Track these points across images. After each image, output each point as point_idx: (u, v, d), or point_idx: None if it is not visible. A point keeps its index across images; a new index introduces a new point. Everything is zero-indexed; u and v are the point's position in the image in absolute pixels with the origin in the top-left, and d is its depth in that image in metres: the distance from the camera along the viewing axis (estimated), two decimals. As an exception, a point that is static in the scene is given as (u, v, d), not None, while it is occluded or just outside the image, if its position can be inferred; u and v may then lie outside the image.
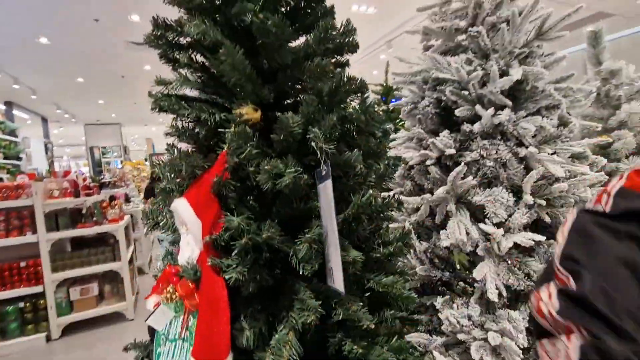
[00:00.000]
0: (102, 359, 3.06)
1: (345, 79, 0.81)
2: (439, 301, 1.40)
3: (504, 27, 1.31)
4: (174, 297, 0.71)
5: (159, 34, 0.84)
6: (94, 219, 3.61)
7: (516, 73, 1.27)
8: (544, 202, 1.23)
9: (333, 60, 0.91)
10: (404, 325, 0.91)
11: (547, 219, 1.25)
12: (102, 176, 6.39)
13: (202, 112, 0.79)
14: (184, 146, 0.77)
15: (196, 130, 0.83)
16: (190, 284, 0.69)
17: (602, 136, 1.78)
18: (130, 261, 4.07)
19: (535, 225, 1.35)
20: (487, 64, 1.38)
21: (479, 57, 1.45)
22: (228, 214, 0.71)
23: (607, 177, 1.34)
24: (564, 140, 1.36)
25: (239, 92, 0.79)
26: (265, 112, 0.89)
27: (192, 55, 0.88)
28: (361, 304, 0.74)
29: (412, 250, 1.50)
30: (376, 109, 1.02)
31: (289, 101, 0.92)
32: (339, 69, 0.88)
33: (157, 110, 0.82)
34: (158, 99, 0.80)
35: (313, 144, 0.75)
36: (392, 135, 1.77)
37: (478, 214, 1.41)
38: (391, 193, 1.60)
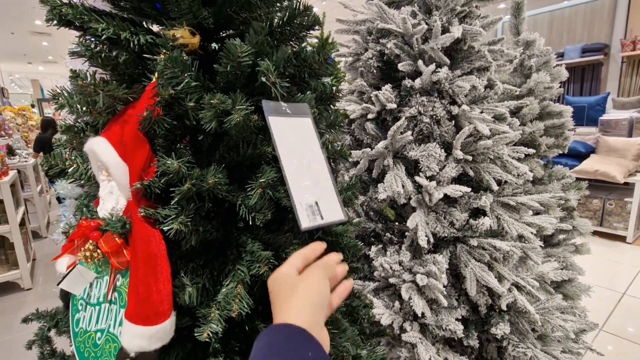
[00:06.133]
0: (-7, 333, 2.66)
1: (300, 7, 0.71)
2: (372, 250, 1.48)
3: (449, -18, 1.31)
4: (95, 255, 0.59)
5: None
6: (-35, 174, 2.95)
7: (457, 30, 1.30)
8: (470, 158, 1.34)
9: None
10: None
11: (471, 173, 1.37)
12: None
13: (122, 30, 0.63)
14: (93, 71, 0.61)
15: (114, 54, 0.66)
16: (117, 239, 0.58)
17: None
18: (22, 224, 3.50)
19: (459, 179, 1.48)
20: (430, 19, 1.38)
21: (422, 12, 1.44)
22: (164, 156, 0.59)
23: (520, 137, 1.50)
24: (489, 102, 1.47)
25: (172, 9, 0.64)
26: (203, 41, 0.75)
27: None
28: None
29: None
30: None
31: (231, 31, 0.79)
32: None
33: (56, 21, 0.62)
34: (57, 5, 0.61)
35: (264, 78, 0.65)
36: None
37: (411, 169, 1.48)
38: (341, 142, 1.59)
